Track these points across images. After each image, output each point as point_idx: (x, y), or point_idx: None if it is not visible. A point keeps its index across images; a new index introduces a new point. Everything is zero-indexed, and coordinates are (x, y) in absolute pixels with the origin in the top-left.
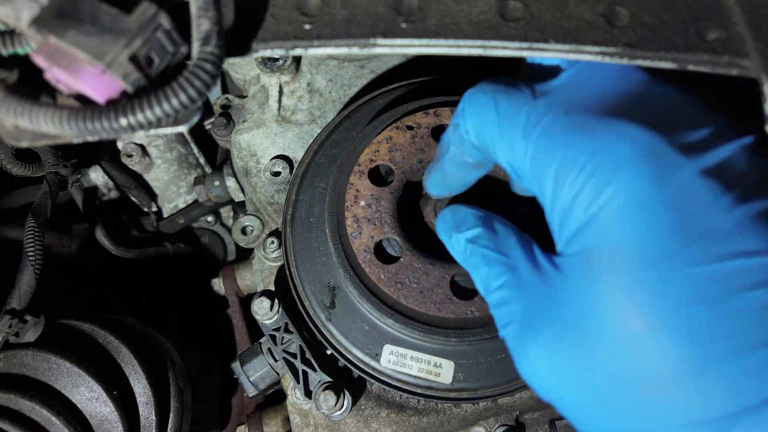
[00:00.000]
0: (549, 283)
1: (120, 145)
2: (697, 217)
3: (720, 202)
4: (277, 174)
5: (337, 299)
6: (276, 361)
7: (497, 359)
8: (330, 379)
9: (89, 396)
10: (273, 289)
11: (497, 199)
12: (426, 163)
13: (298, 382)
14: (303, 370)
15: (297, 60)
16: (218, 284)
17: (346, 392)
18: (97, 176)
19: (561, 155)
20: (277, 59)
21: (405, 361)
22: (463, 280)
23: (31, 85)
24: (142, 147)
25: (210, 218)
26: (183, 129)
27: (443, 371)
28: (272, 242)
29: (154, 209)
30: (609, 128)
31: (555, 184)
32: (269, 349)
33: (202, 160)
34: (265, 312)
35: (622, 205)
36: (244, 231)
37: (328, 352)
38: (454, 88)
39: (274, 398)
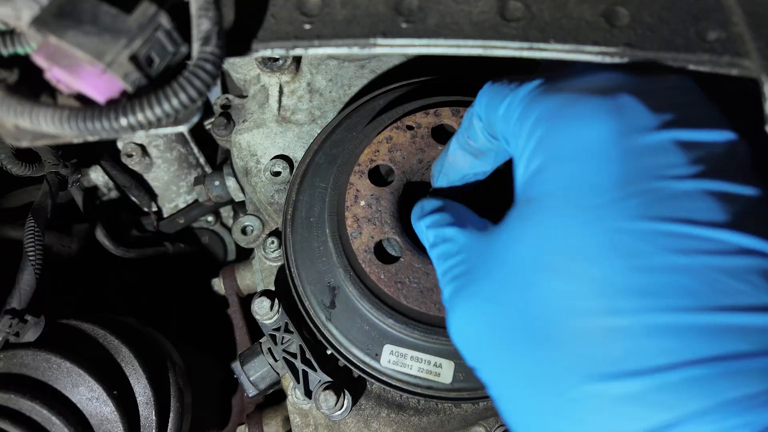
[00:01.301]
0: (483, 240)
1: (120, 145)
2: (643, 177)
3: (675, 171)
4: (277, 174)
5: (337, 299)
6: (276, 361)
7: None
8: (330, 379)
9: (89, 396)
10: (273, 289)
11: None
12: (426, 162)
13: (298, 382)
14: (303, 370)
15: (297, 60)
16: (218, 284)
17: (346, 392)
18: (97, 176)
19: (538, 111)
20: (277, 59)
21: (405, 361)
22: None
23: (32, 85)
24: (143, 147)
25: (210, 218)
26: (183, 129)
27: (443, 371)
28: (272, 242)
29: (154, 209)
30: (586, 87)
31: (526, 139)
32: (269, 349)
33: (202, 160)
34: (265, 312)
35: (569, 153)
36: (244, 231)
37: (328, 352)
38: (455, 88)
39: (274, 398)
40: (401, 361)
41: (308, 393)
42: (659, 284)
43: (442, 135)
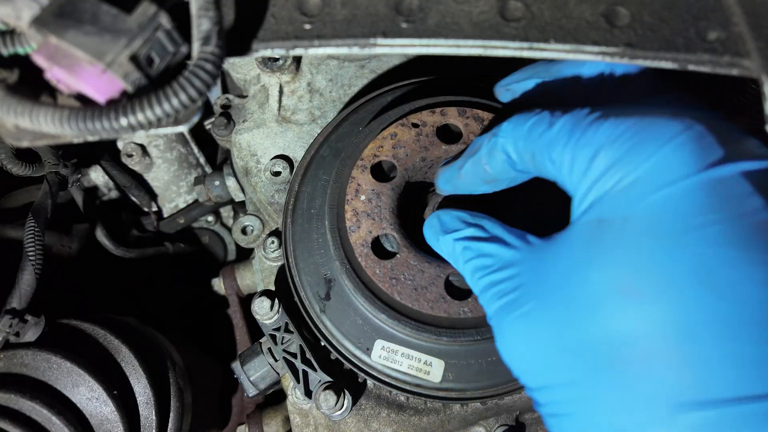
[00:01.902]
0: (537, 258)
1: (120, 144)
2: (725, 207)
3: (750, 202)
4: (277, 174)
5: (333, 291)
6: (276, 360)
7: (488, 361)
8: (330, 379)
9: (89, 396)
10: (273, 289)
11: (497, 205)
12: (429, 161)
13: (299, 382)
14: (303, 370)
15: (297, 60)
16: (218, 284)
17: (346, 392)
18: (97, 176)
19: (604, 135)
20: (277, 59)
21: (396, 357)
22: (458, 280)
23: (32, 85)
24: (143, 147)
25: (210, 218)
26: (183, 129)
27: (433, 370)
28: (272, 242)
29: (155, 209)
30: (660, 113)
31: (589, 162)
32: (269, 348)
33: (202, 160)
34: (265, 312)
35: (650, 177)
36: (244, 231)
37: (322, 343)
38: (462, 88)
39: (274, 398)
40: (392, 357)
41: (308, 393)
42: (742, 313)
43: (447, 134)
